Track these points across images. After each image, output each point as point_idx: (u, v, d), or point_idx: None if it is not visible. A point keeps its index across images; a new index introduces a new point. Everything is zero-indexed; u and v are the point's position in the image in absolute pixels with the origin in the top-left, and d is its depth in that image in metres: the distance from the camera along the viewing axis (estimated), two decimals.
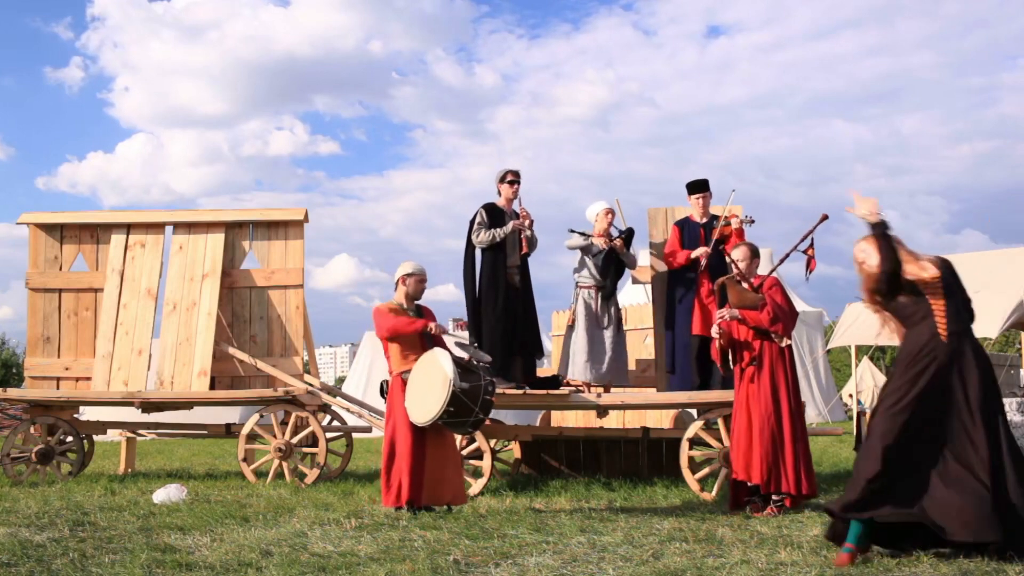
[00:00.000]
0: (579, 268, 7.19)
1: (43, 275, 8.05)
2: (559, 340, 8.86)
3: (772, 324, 5.60)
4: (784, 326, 5.61)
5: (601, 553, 4.14)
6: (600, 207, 7.21)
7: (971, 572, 3.67)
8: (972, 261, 12.89)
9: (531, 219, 7.04)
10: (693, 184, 7.14)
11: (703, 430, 6.40)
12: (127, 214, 8.39)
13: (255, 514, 5.44)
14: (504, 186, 7.14)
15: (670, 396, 6.88)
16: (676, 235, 7.10)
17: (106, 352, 7.76)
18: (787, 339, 5.67)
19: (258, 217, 8.17)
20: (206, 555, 4.09)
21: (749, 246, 5.93)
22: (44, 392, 7.76)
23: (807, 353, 20.15)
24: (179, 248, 8.07)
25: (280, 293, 8.00)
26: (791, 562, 3.89)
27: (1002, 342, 27.36)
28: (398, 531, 4.75)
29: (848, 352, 17.87)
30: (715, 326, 5.76)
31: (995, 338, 12.31)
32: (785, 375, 5.63)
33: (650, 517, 5.32)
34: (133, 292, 7.92)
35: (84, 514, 5.42)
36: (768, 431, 5.53)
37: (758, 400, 5.61)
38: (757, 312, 5.63)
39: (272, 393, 7.49)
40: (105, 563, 3.91)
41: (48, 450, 7.56)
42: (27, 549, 4.22)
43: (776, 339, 5.64)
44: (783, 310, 5.61)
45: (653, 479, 7.23)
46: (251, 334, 7.97)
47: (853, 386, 20.12)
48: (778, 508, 5.47)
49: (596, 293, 7.11)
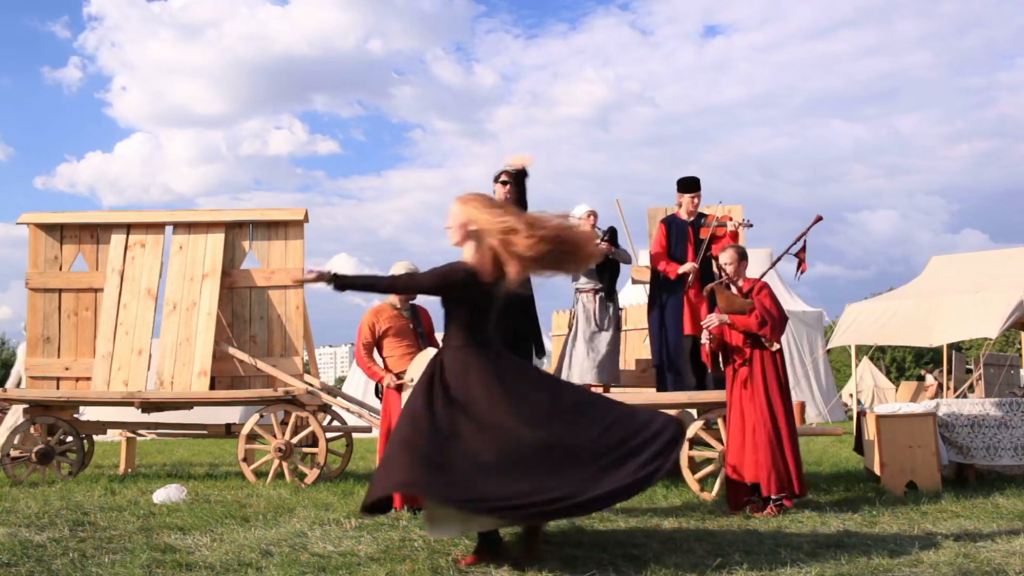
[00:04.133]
0: (576, 278, 7.23)
1: (43, 275, 8.05)
2: (559, 340, 8.86)
3: (760, 328, 5.61)
4: (772, 330, 5.62)
5: (601, 553, 4.14)
6: (582, 210, 7.21)
7: (971, 572, 3.68)
8: (972, 261, 12.91)
9: None
10: (687, 182, 7.06)
11: (703, 430, 6.40)
12: (127, 214, 8.39)
13: (255, 514, 5.43)
14: (498, 186, 7.18)
15: (670, 396, 6.88)
16: (663, 233, 7.02)
17: (106, 352, 7.76)
18: (776, 343, 5.68)
19: (258, 217, 8.17)
20: (206, 555, 4.08)
21: (736, 249, 5.93)
22: (44, 392, 7.76)
23: (807, 353, 20.15)
24: (179, 248, 8.07)
25: (280, 293, 8.00)
26: (791, 562, 3.89)
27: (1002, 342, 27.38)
28: (398, 531, 4.75)
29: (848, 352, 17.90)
30: (705, 331, 5.78)
31: (995, 338, 12.30)
32: (777, 377, 5.65)
33: (650, 517, 5.32)
34: (133, 292, 7.92)
35: (84, 514, 5.42)
36: (763, 433, 5.54)
37: (752, 403, 5.63)
38: (746, 316, 5.65)
39: (272, 393, 7.49)
40: (105, 563, 3.91)
41: (48, 450, 7.56)
42: (27, 549, 4.22)
43: (766, 343, 5.65)
44: (772, 314, 5.62)
45: None
46: (251, 334, 7.97)
47: (853, 386, 20.15)
48: (778, 508, 5.47)
49: (594, 296, 7.14)
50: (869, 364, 25.69)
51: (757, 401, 5.61)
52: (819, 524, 4.97)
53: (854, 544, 4.32)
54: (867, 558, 3.95)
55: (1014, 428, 6.77)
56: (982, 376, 12.55)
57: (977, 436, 6.78)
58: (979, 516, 5.17)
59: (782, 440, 5.55)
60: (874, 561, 3.89)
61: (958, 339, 13.15)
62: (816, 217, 6.24)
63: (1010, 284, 11.18)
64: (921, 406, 7.02)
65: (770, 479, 5.49)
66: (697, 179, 7.09)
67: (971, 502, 5.74)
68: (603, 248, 7.10)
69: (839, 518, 5.18)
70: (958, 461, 6.83)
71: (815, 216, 6.26)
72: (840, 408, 21.51)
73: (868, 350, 21.17)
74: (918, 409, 6.89)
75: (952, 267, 12.94)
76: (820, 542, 4.36)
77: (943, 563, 3.82)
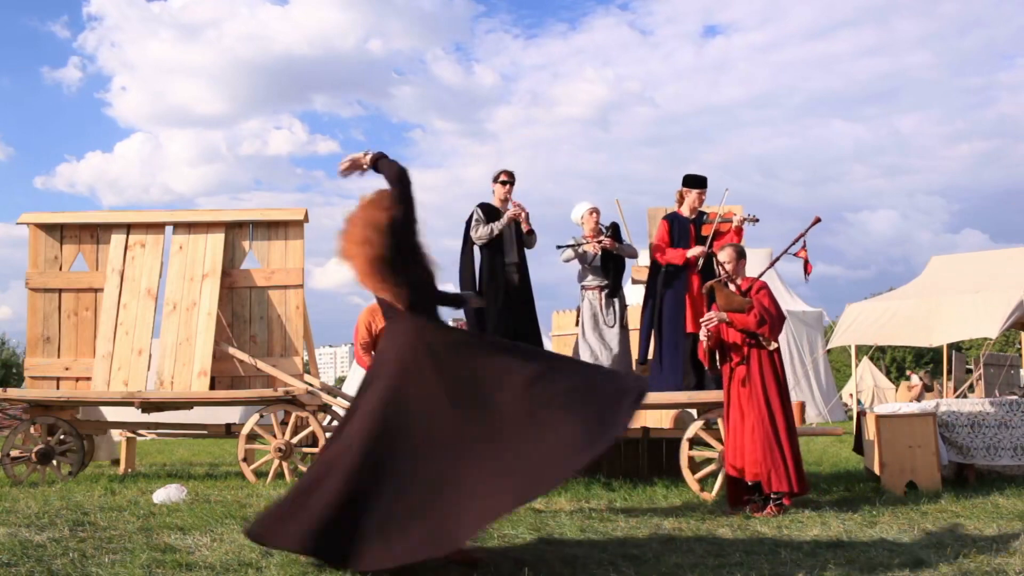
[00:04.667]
0: (582, 277, 7.23)
1: (43, 275, 8.05)
2: (559, 340, 8.87)
3: (759, 327, 5.63)
4: (771, 329, 5.63)
5: (601, 553, 4.14)
6: (584, 208, 7.21)
7: (971, 572, 3.68)
8: (972, 261, 12.92)
9: (526, 211, 7.06)
10: (694, 178, 7.03)
11: (703, 430, 6.40)
12: (127, 214, 8.38)
13: (255, 514, 5.43)
14: (497, 186, 7.20)
15: (670, 396, 6.88)
16: (665, 229, 6.99)
17: (106, 352, 7.76)
18: (774, 342, 5.70)
19: (258, 217, 8.17)
20: (206, 555, 4.08)
21: (735, 247, 5.94)
22: (44, 392, 7.76)
23: (807, 353, 20.16)
24: (179, 248, 8.07)
25: (280, 293, 8.00)
26: (791, 562, 3.89)
27: (1002, 342, 27.37)
28: None
29: (848, 352, 17.90)
30: (703, 329, 5.79)
31: (995, 338, 12.31)
32: (775, 376, 5.66)
33: (650, 517, 5.32)
34: (133, 292, 7.91)
35: (84, 514, 5.41)
36: (762, 432, 5.55)
37: (750, 402, 5.65)
38: (744, 315, 5.65)
39: (272, 393, 7.49)
40: (105, 563, 3.91)
41: (48, 450, 7.56)
42: (27, 549, 4.22)
43: (764, 342, 5.66)
44: (770, 313, 5.64)
45: (653, 479, 7.22)
46: (251, 334, 7.97)
47: (853, 386, 20.16)
48: (778, 508, 5.47)
49: (600, 293, 7.13)
50: (869, 364, 25.69)
51: (755, 399, 5.62)
52: (819, 524, 4.97)
53: (854, 544, 4.32)
54: (867, 558, 3.95)
55: (1014, 428, 6.77)
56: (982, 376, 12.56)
57: (977, 436, 6.78)
58: (979, 516, 5.17)
59: (780, 437, 5.55)
60: (874, 561, 3.89)
61: (958, 339, 13.16)
62: (814, 219, 6.24)
63: (1010, 284, 11.19)
64: (919, 406, 7.02)
65: (770, 476, 5.50)
66: (705, 177, 7.09)
67: (971, 502, 5.74)
68: (608, 244, 7.11)
69: (839, 518, 5.18)
70: (958, 461, 6.83)
71: (814, 217, 6.26)
72: (840, 408, 21.52)
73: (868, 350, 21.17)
74: (918, 409, 6.89)
75: (952, 267, 12.96)
76: (820, 542, 4.36)
77: (943, 563, 3.82)
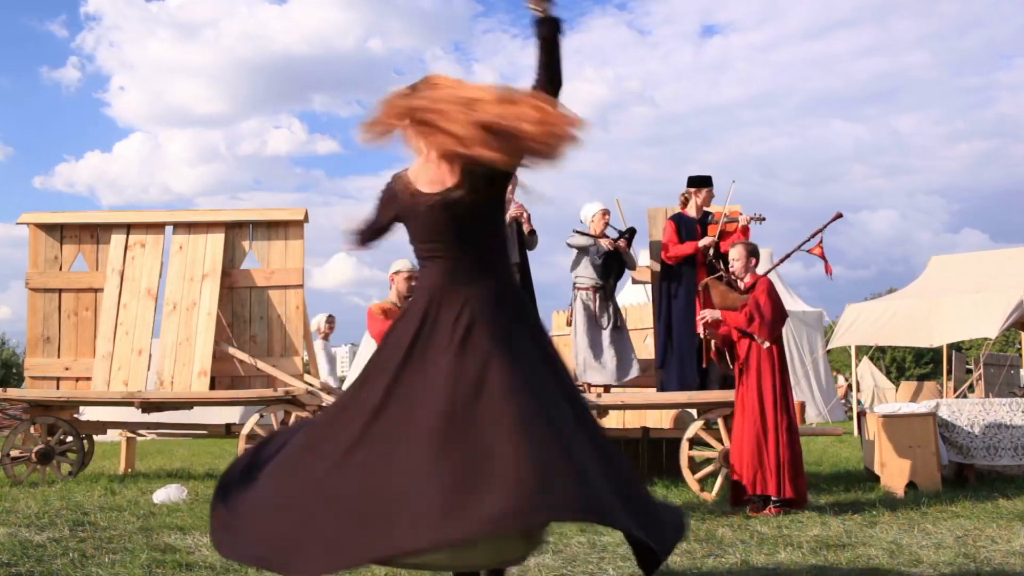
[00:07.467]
0: (576, 267, 7.13)
1: (43, 275, 8.05)
2: (559, 340, 8.87)
3: (748, 324, 5.56)
4: (761, 326, 5.54)
5: (601, 553, 4.14)
6: (596, 208, 7.13)
7: (971, 572, 3.68)
8: (972, 261, 12.94)
9: (527, 212, 7.05)
10: (700, 178, 7.03)
11: (703, 430, 6.40)
12: (127, 214, 8.39)
13: None
14: None
15: (670, 396, 6.87)
16: (672, 228, 6.99)
17: (106, 352, 7.76)
18: (766, 341, 5.61)
19: (258, 217, 8.16)
20: (206, 555, 4.08)
21: (745, 245, 5.90)
22: (44, 392, 7.76)
23: (807, 353, 20.16)
24: (179, 248, 8.07)
25: (280, 293, 7.99)
26: (791, 562, 3.89)
27: (1002, 342, 27.39)
28: None
29: (848, 352, 17.90)
30: (699, 325, 5.77)
31: (995, 338, 12.31)
32: (772, 377, 5.57)
33: None
34: (133, 292, 7.91)
35: (84, 514, 5.42)
36: (752, 434, 5.50)
37: (746, 402, 5.61)
38: (736, 313, 5.62)
39: (272, 393, 7.48)
40: (105, 563, 3.91)
41: (48, 450, 7.56)
42: (27, 549, 4.22)
43: (758, 341, 5.62)
44: (761, 311, 5.55)
45: (653, 479, 7.22)
46: (251, 334, 7.97)
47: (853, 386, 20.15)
48: (778, 508, 5.46)
49: (594, 294, 7.08)
50: (869, 364, 25.68)
51: (750, 402, 5.56)
52: (819, 524, 4.97)
53: (854, 544, 4.32)
54: (867, 558, 3.95)
55: (1014, 428, 6.77)
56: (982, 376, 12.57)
57: (977, 436, 6.78)
58: (979, 516, 5.17)
59: (770, 443, 5.46)
60: (874, 561, 3.89)
61: (958, 339, 13.17)
62: (835, 214, 6.16)
63: (1010, 284, 11.21)
64: (922, 406, 7.02)
65: (755, 480, 5.45)
66: (710, 176, 7.09)
67: (971, 502, 5.73)
68: (622, 246, 7.08)
69: (839, 518, 5.18)
70: (958, 461, 6.83)
71: (835, 213, 6.17)
72: (840, 408, 21.51)
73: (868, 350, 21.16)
74: (918, 409, 6.88)
75: (952, 267, 12.97)
76: (820, 542, 4.36)
77: (943, 563, 3.82)
